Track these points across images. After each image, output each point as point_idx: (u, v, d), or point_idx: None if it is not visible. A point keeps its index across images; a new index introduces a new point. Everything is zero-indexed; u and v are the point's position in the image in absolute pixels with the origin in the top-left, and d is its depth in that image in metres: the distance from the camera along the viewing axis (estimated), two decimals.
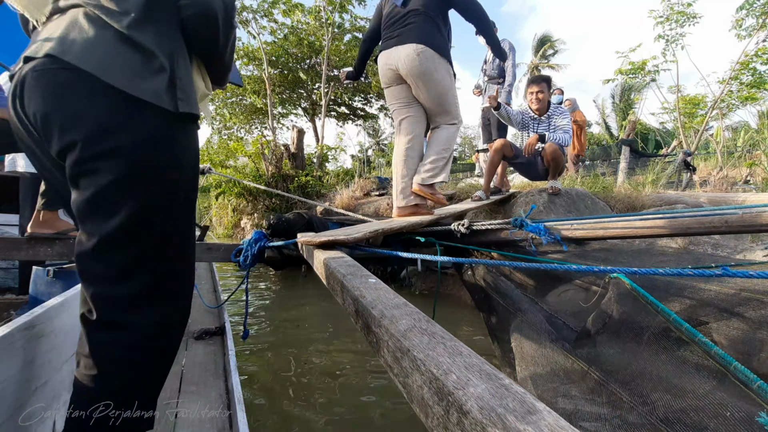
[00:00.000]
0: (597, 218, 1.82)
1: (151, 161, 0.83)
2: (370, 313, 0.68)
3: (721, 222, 1.38)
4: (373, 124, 23.01)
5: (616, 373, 0.91)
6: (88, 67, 0.77)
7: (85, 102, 0.78)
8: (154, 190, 0.84)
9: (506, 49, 4.09)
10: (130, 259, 0.84)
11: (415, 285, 4.37)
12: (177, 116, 0.85)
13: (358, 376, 2.32)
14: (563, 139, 3.35)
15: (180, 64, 0.87)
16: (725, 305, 1.02)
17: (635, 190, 4.43)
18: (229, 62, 1.07)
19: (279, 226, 2.06)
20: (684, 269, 0.83)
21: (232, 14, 0.96)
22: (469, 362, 0.47)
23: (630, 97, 19.08)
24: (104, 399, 0.80)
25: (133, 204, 0.82)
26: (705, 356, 0.78)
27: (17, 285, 2.67)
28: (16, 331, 0.95)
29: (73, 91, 0.78)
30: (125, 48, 0.81)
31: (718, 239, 2.97)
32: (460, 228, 1.85)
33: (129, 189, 0.81)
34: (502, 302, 1.57)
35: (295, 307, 3.94)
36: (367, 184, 6.25)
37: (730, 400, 0.69)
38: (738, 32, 9.51)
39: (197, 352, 1.96)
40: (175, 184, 0.89)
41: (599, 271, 0.98)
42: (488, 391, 0.39)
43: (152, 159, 0.83)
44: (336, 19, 9.93)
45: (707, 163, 9.56)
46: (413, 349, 0.52)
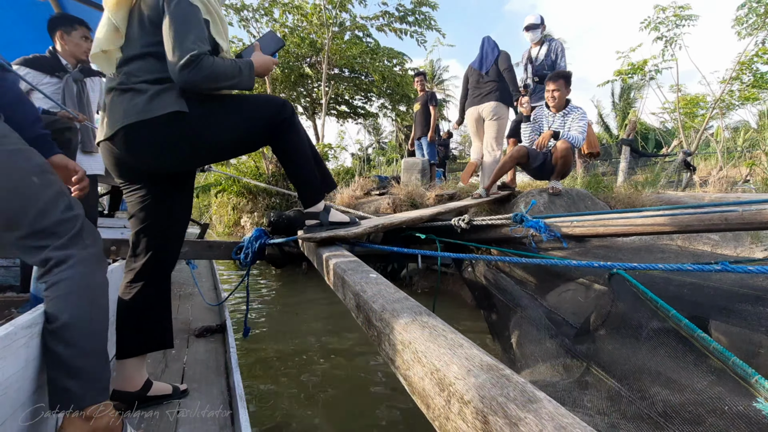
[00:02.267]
0: (597, 214, 1.82)
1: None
2: (371, 307, 0.68)
3: (721, 219, 1.39)
4: (374, 122, 22.96)
5: (616, 368, 0.92)
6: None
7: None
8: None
9: (559, 49, 4.13)
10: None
11: (415, 284, 4.37)
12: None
13: (360, 373, 2.32)
14: (576, 139, 3.32)
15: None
16: (724, 302, 1.02)
17: (635, 190, 4.43)
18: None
19: (279, 224, 2.07)
20: (684, 265, 0.83)
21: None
22: (470, 353, 0.47)
23: (630, 96, 19.06)
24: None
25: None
26: (704, 351, 0.79)
27: (18, 283, 2.67)
28: (18, 329, 0.95)
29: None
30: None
31: (717, 240, 2.97)
32: (461, 223, 1.85)
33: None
34: (502, 299, 1.57)
35: (296, 304, 3.95)
36: (367, 183, 6.24)
37: (728, 395, 0.69)
38: (738, 30, 9.50)
39: (198, 350, 1.96)
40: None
41: (599, 266, 0.99)
42: (489, 381, 0.40)
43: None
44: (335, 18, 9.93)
45: (707, 163, 9.57)
46: (414, 342, 0.52)
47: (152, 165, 1.22)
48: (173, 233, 1.38)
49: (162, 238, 1.34)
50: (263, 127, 1.30)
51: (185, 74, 1.05)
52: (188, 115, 1.12)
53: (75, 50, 2.34)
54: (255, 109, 1.27)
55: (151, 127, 1.10)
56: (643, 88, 13.92)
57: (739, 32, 9.51)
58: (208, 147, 1.23)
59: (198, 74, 1.06)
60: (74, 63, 2.36)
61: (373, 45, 10.22)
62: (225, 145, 1.27)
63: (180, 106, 1.10)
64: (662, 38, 9.74)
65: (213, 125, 1.19)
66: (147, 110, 1.09)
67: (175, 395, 1.43)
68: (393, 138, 24.47)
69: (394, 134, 24.01)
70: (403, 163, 6.09)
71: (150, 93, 1.10)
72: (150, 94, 1.10)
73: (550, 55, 4.18)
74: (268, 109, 1.29)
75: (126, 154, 1.16)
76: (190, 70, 1.05)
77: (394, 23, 9.67)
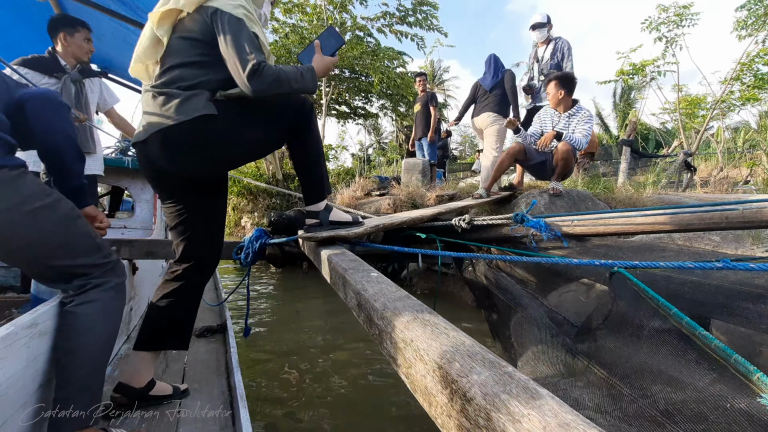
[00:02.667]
0: (597, 213, 1.82)
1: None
2: (373, 306, 0.68)
3: (722, 218, 1.39)
4: (374, 122, 22.95)
5: (617, 366, 0.92)
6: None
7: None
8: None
9: (565, 48, 4.12)
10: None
11: (415, 284, 4.37)
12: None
13: (360, 372, 2.32)
14: (579, 141, 3.29)
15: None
16: (725, 299, 1.02)
17: (636, 191, 4.43)
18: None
19: (280, 223, 2.07)
20: (685, 263, 0.83)
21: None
22: (472, 351, 0.47)
23: (630, 97, 19.05)
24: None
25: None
26: (705, 349, 0.79)
27: (19, 284, 2.67)
28: (19, 329, 0.95)
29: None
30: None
31: (719, 241, 2.97)
32: (461, 223, 1.85)
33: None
34: (503, 298, 1.57)
35: (297, 303, 3.95)
36: (367, 183, 6.23)
37: (730, 392, 0.69)
38: (738, 33, 9.49)
39: (199, 350, 1.96)
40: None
41: (600, 265, 0.99)
42: (492, 378, 0.40)
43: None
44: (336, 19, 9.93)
45: (708, 164, 9.56)
46: (416, 340, 0.52)
47: (184, 169, 1.26)
48: (213, 240, 1.45)
49: (203, 247, 1.41)
50: (288, 125, 1.35)
51: (253, 84, 1.12)
52: (218, 118, 1.18)
53: (77, 51, 2.33)
54: (280, 110, 1.32)
55: (183, 130, 1.15)
56: (644, 89, 13.91)
57: (739, 35, 9.51)
58: (238, 148, 1.30)
59: (264, 82, 1.13)
60: (74, 64, 2.36)
61: (374, 46, 10.21)
62: (254, 146, 1.35)
63: (209, 110, 1.16)
64: (663, 39, 9.75)
65: (242, 126, 1.25)
66: (178, 114, 1.14)
67: (175, 395, 1.44)
68: (393, 138, 24.47)
69: (394, 134, 24.01)
70: (403, 163, 6.08)
71: (181, 98, 1.16)
72: (181, 99, 1.15)
73: (556, 54, 4.16)
74: (291, 108, 1.35)
75: (159, 157, 1.22)
76: (256, 80, 1.12)
77: (395, 24, 9.65)
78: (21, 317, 1.00)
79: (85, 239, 1.07)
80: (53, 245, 1.01)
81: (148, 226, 3.14)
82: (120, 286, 1.14)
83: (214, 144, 1.22)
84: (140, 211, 3.17)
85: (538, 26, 4.19)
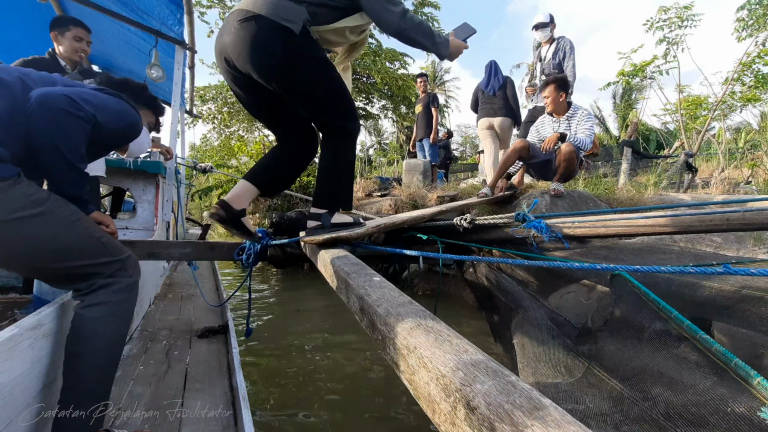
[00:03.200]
0: (598, 214, 1.82)
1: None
2: (376, 311, 0.69)
3: (722, 220, 1.39)
4: (375, 123, 22.93)
5: (618, 369, 0.92)
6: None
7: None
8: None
9: (567, 48, 4.12)
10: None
11: (416, 285, 4.37)
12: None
13: (362, 372, 2.33)
14: (583, 142, 3.29)
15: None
16: (726, 303, 1.02)
17: (637, 192, 4.42)
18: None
19: (281, 224, 2.07)
20: (686, 267, 0.83)
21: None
22: (476, 359, 0.47)
23: (631, 98, 19.03)
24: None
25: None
26: (706, 353, 0.79)
27: (21, 284, 2.68)
28: (23, 331, 0.95)
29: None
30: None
31: (720, 242, 2.97)
32: (463, 223, 1.85)
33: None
34: (504, 299, 1.58)
35: (298, 304, 3.96)
36: (368, 184, 6.22)
37: (730, 396, 0.69)
38: (738, 35, 9.46)
39: (201, 350, 1.97)
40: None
41: (601, 268, 0.99)
42: (495, 388, 0.40)
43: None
44: None
45: (709, 164, 9.54)
46: (420, 347, 0.52)
47: (250, 62, 1.30)
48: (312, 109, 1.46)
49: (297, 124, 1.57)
50: (333, 105, 1.42)
51: (404, 22, 1.27)
52: (295, 38, 1.26)
53: (67, 50, 2.32)
54: (340, 89, 1.41)
55: (264, 26, 1.23)
56: (645, 90, 13.89)
57: (739, 37, 9.48)
58: (294, 78, 1.33)
59: (411, 22, 1.28)
60: (72, 65, 2.36)
61: (376, 47, 10.19)
62: (305, 88, 1.37)
63: (294, 27, 1.24)
64: (665, 40, 9.72)
65: (306, 63, 1.32)
66: (270, 9, 1.23)
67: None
68: (394, 139, 24.45)
69: (395, 135, 23.99)
70: (404, 164, 6.08)
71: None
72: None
73: (557, 54, 4.16)
74: (348, 103, 1.44)
75: (236, 39, 1.27)
76: (405, 19, 1.27)
77: None
78: (25, 319, 1.01)
79: (86, 240, 1.07)
80: (48, 250, 1.01)
81: (150, 227, 3.15)
82: (132, 285, 1.14)
83: (279, 57, 1.26)
84: (142, 212, 3.18)
85: (541, 26, 4.18)
